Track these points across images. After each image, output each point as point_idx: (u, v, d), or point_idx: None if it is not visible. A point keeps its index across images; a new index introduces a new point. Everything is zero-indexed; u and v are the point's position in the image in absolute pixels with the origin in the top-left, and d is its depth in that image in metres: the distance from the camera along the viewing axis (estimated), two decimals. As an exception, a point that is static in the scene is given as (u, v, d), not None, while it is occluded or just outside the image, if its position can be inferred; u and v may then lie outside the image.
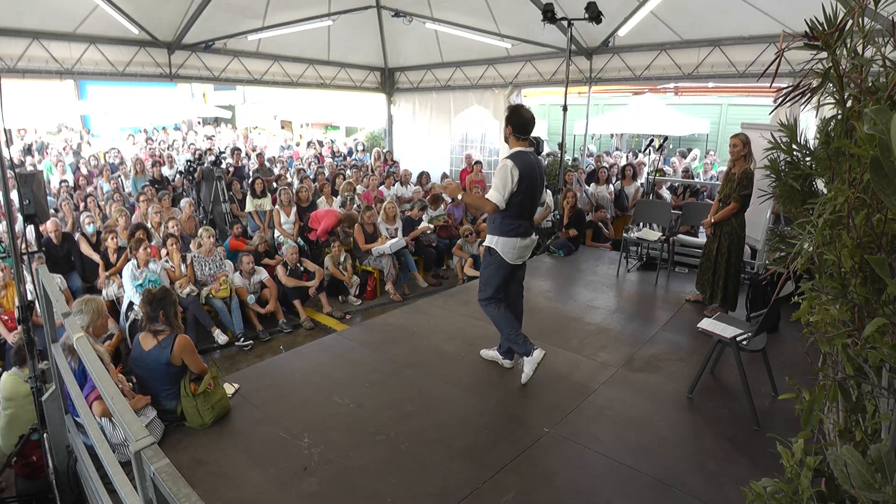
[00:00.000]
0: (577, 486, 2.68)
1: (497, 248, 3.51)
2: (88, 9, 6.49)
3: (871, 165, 0.94)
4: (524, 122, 3.46)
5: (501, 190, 3.35)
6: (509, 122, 3.48)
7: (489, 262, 3.59)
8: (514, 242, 3.49)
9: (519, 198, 3.39)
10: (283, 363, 4.11)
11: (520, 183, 3.35)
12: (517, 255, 3.55)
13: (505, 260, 3.51)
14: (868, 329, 1.10)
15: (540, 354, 3.52)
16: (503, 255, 3.51)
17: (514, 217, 3.45)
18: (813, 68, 1.47)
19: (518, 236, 3.49)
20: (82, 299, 3.21)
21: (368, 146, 13.71)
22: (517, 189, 3.35)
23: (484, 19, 8.20)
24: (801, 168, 2.29)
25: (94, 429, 1.98)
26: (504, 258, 3.51)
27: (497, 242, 3.51)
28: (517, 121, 3.45)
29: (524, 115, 3.48)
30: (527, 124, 3.48)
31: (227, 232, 6.98)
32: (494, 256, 3.54)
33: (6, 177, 2.73)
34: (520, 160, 3.38)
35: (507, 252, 3.50)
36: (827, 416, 1.59)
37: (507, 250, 3.50)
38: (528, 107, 3.59)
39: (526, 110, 3.52)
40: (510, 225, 3.47)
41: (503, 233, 3.48)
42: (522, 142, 3.49)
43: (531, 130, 3.52)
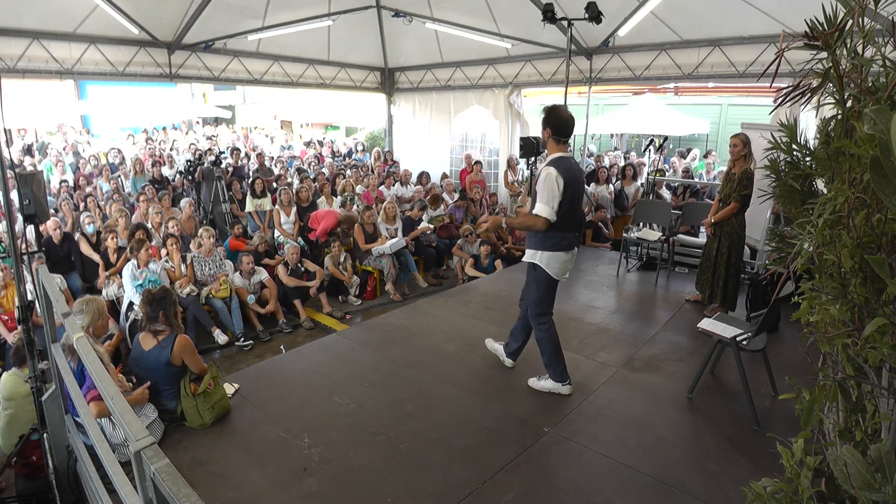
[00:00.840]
0: (577, 486, 2.68)
1: (541, 263, 3.25)
2: (88, 9, 6.49)
3: (871, 165, 0.94)
4: (564, 122, 3.16)
5: (550, 202, 3.05)
6: (547, 123, 3.16)
7: (534, 278, 3.33)
8: (559, 257, 3.22)
9: (564, 208, 3.09)
10: (283, 363, 4.11)
11: (564, 192, 3.06)
12: (562, 270, 3.29)
13: (550, 276, 3.26)
14: (868, 329, 1.10)
15: (568, 391, 3.46)
16: (548, 271, 3.25)
17: (559, 229, 3.14)
18: (813, 68, 1.47)
19: (562, 250, 3.22)
20: (83, 299, 3.21)
21: (368, 146, 13.71)
22: (562, 199, 3.07)
23: (484, 19, 8.19)
24: (801, 168, 2.29)
25: (94, 429, 1.98)
26: (549, 273, 3.25)
27: (541, 258, 3.24)
28: (556, 122, 3.15)
29: (563, 114, 3.17)
30: (567, 125, 3.17)
31: (227, 232, 6.98)
32: (539, 272, 3.28)
33: (6, 177, 2.73)
34: (563, 167, 3.08)
35: (552, 267, 3.24)
36: (827, 416, 1.59)
37: (552, 265, 3.23)
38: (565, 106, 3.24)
39: (564, 109, 3.21)
40: (554, 238, 3.18)
41: (547, 247, 3.20)
42: (563, 145, 3.19)
43: (571, 132, 3.21)
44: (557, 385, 3.49)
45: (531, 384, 3.60)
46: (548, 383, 3.53)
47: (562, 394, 3.48)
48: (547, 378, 3.54)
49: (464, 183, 9.57)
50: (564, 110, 3.19)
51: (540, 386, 3.56)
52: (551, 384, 3.51)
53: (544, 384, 3.55)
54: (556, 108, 3.19)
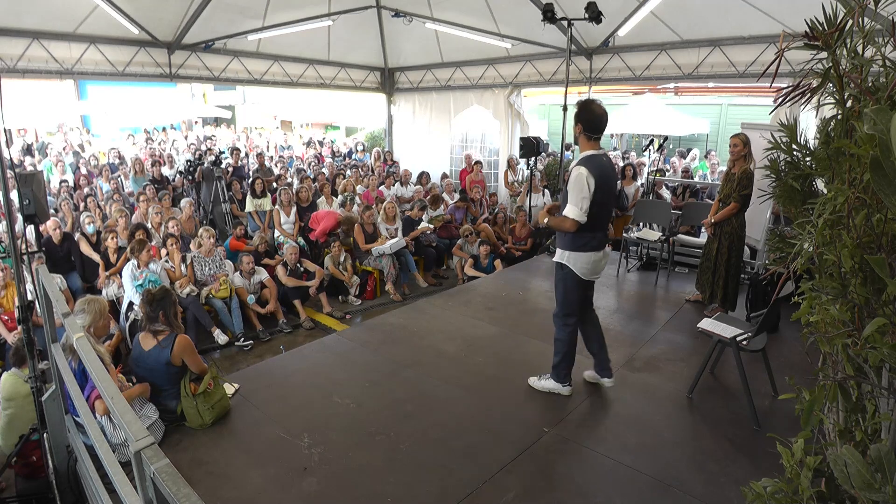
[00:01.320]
0: (577, 486, 2.68)
1: (569, 263, 3.19)
2: (88, 9, 6.49)
3: (871, 165, 0.94)
4: (596, 118, 3.05)
5: (579, 203, 2.99)
6: (579, 119, 3.06)
7: (563, 277, 3.26)
8: (587, 258, 3.16)
9: (594, 208, 3.02)
10: (283, 363, 4.11)
11: (595, 192, 2.99)
12: (591, 271, 3.21)
13: (578, 276, 3.20)
14: (868, 329, 1.10)
15: (567, 391, 3.47)
16: (576, 271, 3.19)
17: (588, 230, 3.07)
18: (813, 68, 1.47)
19: (592, 250, 3.15)
20: (85, 299, 3.21)
21: (368, 146, 13.71)
22: (592, 199, 3.00)
23: (484, 19, 8.19)
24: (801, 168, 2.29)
25: (94, 429, 1.98)
26: (577, 274, 3.20)
27: (568, 258, 3.19)
28: (588, 117, 3.04)
29: (596, 110, 3.05)
30: (599, 121, 3.06)
31: (227, 232, 6.98)
32: (566, 272, 3.22)
33: (6, 177, 2.73)
34: (594, 165, 3.00)
35: (580, 268, 3.18)
36: (827, 416, 1.59)
37: (579, 266, 3.18)
38: (599, 101, 3.11)
39: (598, 105, 3.07)
40: (583, 238, 3.11)
41: (575, 247, 3.15)
42: (594, 142, 3.09)
43: (604, 128, 3.11)
44: (558, 385, 3.48)
45: (531, 383, 3.60)
46: (549, 383, 3.52)
47: (561, 394, 3.48)
48: (548, 378, 3.53)
49: (464, 183, 9.57)
50: (598, 105, 3.07)
51: (540, 385, 3.56)
52: (552, 384, 3.50)
53: (545, 384, 3.54)
54: (589, 103, 3.08)
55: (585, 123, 3.06)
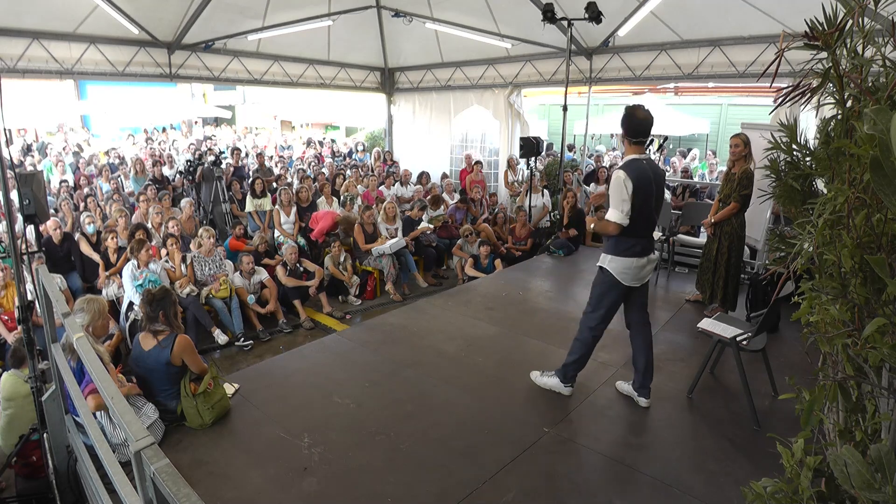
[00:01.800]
0: (577, 486, 2.68)
1: (609, 268, 3.18)
2: (88, 9, 6.49)
3: (871, 165, 0.94)
4: (640, 123, 3.06)
5: (620, 206, 3.01)
6: (624, 124, 3.09)
7: (601, 281, 3.27)
8: (629, 263, 3.14)
9: (633, 213, 3.02)
10: (283, 363, 4.11)
11: (634, 196, 2.98)
12: (633, 277, 3.18)
13: (619, 281, 3.18)
14: (868, 329, 1.10)
15: (568, 392, 3.47)
16: (616, 276, 3.17)
17: (629, 234, 3.07)
18: (813, 68, 1.47)
19: (634, 256, 3.13)
20: (84, 298, 3.21)
21: (368, 146, 13.71)
22: (632, 202, 3.00)
23: (484, 19, 8.19)
24: (801, 168, 2.30)
25: (94, 429, 1.98)
26: (618, 279, 3.17)
27: (610, 262, 3.18)
28: (631, 123, 3.07)
29: (639, 115, 3.06)
30: (643, 126, 3.07)
31: (227, 232, 6.98)
32: (607, 276, 3.21)
33: (6, 177, 2.73)
34: (633, 170, 3.00)
35: (620, 273, 3.16)
36: (827, 416, 1.59)
37: (621, 271, 3.15)
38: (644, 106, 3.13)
39: (642, 110, 3.08)
40: (625, 243, 3.11)
41: (617, 252, 3.15)
42: (637, 147, 3.10)
43: (649, 133, 3.12)
44: (560, 385, 3.48)
45: (533, 378, 3.60)
46: (552, 380, 3.52)
47: (562, 394, 3.48)
48: (552, 375, 3.52)
49: (464, 183, 9.57)
50: (642, 110, 3.09)
51: (542, 382, 3.56)
52: (555, 382, 3.50)
53: (547, 381, 3.54)
54: (633, 109, 3.10)
55: (629, 129, 3.08)
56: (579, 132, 11.75)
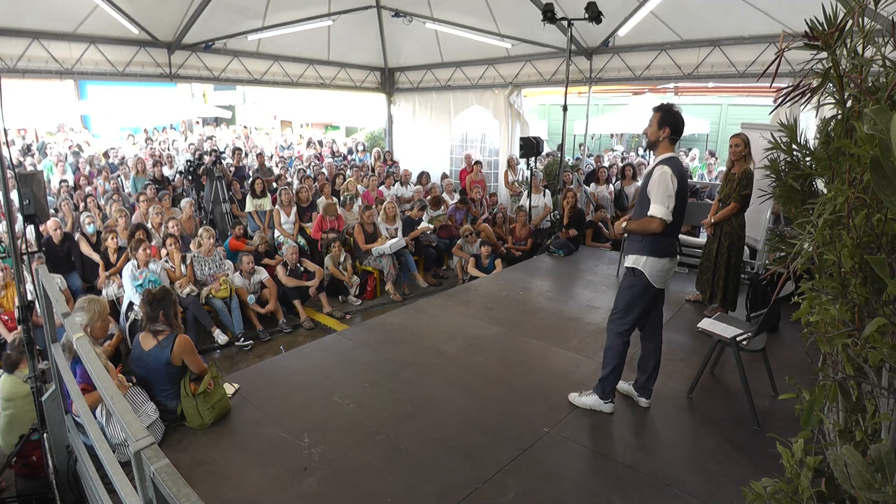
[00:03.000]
0: (577, 486, 2.68)
1: (644, 269, 3.04)
2: (88, 9, 6.49)
3: (871, 165, 0.94)
4: (681, 122, 3.02)
5: (666, 202, 2.90)
6: (665, 122, 2.98)
7: (633, 284, 3.11)
8: (662, 264, 3.03)
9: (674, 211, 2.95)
10: (283, 363, 4.11)
11: (676, 194, 2.92)
12: (664, 278, 3.10)
13: (651, 284, 3.06)
14: (868, 329, 1.10)
15: (609, 409, 3.28)
16: (650, 279, 3.04)
17: (667, 234, 2.98)
18: (813, 68, 1.47)
19: (668, 256, 3.04)
20: (86, 298, 3.20)
21: (368, 146, 13.72)
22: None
23: (484, 19, 8.19)
24: (801, 168, 2.30)
25: (94, 429, 1.98)
26: (651, 282, 3.05)
27: (645, 263, 3.03)
28: (674, 121, 2.98)
29: (679, 114, 3.02)
30: (682, 125, 3.04)
31: (227, 232, 6.98)
32: (640, 279, 3.07)
33: (6, 177, 2.73)
34: (675, 167, 2.94)
35: (654, 275, 3.04)
36: (827, 416, 1.59)
37: (654, 272, 3.03)
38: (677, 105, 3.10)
39: (678, 109, 3.05)
40: (662, 243, 2.99)
41: (653, 252, 3.00)
42: (671, 146, 3.04)
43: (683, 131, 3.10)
44: (600, 402, 3.29)
45: (572, 400, 3.40)
46: (591, 399, 3.32)
47: (603, 412, 3.28)
48: (591, 394, 3.33)
49: (464, 183, 9.57)
50: (678, 109, 3.05)
51: (582, 402, 3.36)
52: (594, 401, 3.30)
53: (587, 400, 3.34)
54: (672, 107, 3.03)
55: (672, 127, 2.99)
56: (579, 132, 11.77)
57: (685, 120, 3.09)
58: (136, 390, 3.11)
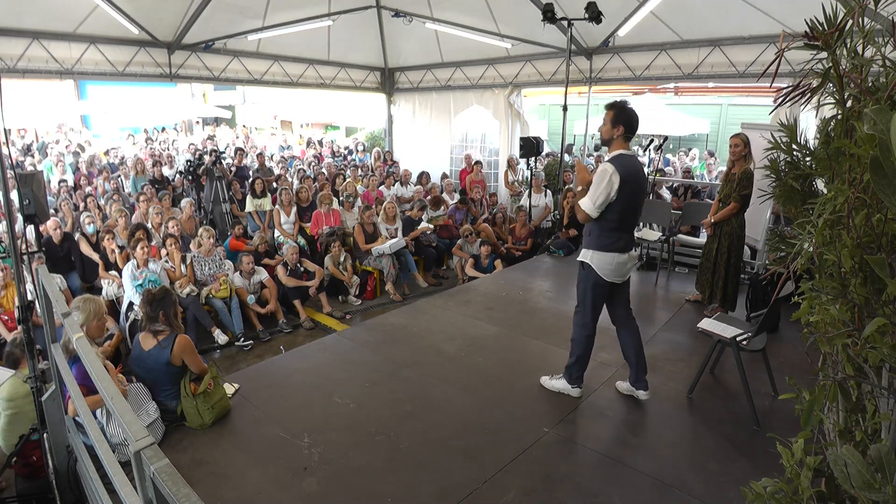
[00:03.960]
0: (577, 486, 2.68)
1: (592, 263, 3.16)
2: (88, 9, 6.49)
3: (871, 165, 0.94)
4: (634, 120, 3.08)
5: (594, 197, 2.99)
6: (619, 120, 3.04)
7: (583, 276, 3.26)
8: (610, 258, 3.12)
9: (619, 207, 3.01)
10: (283, 363, 4.11)
11: (620, 191, 2.95)
12: (614, 273, 3.17)
13: (600, 277, 3.17)
14: (868, 329, 1.10)
15: (576, 393, 3.44)
16: (598, 272, 3.16)
17: (613, 230, 3.08)
18: (813, 68, 1.47)
19: (616, 251, 3.11)
20: (81, 297, 3.19)
21: (368, 146, 13.72)
22: (617, 197, 2.97)
23: (484, 19, 8.19)
24: (801, 168, 2.29)
25: (94, 429, 1.98)
26: (599, 275, 3.17)
27: (592, 257, 3.16)
28: (628, 119, 3.04)
29: (633, 112, 3.09)
30: (636, 123, 3.09)
31: (227, 232, 6.98)
32: (588, 271, 3.20)
33: (6, 177, 2.73)
34: (622, 164, 2.98)
35: (602, 268, 3.15)
36: (827, 416, 1.59)
37: (602, 266, 3.14)
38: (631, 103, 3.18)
39: (632, 108, 3.12)
40: (608, 238, 3.10)
41: (599, 247, 3.13)
42: (625, 143, 3.08)
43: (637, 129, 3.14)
44: (568, 387, 3.47)
45: (543, 382, 3.60)
46: (559, 383, 3.51)
47: (571, 395, 3.46)
48: (560, 378, 3.52)
49: (464, 183, 9.57)
50: (632, 108, 3.11)
51: (551, 385, 3.55)
52: (563, 384, 3.49)
53: (555, 384, 3.53)
54: (625, 105, 3.09)
55: (627, 125, 3.04)
56: (579, 132, 11.76)
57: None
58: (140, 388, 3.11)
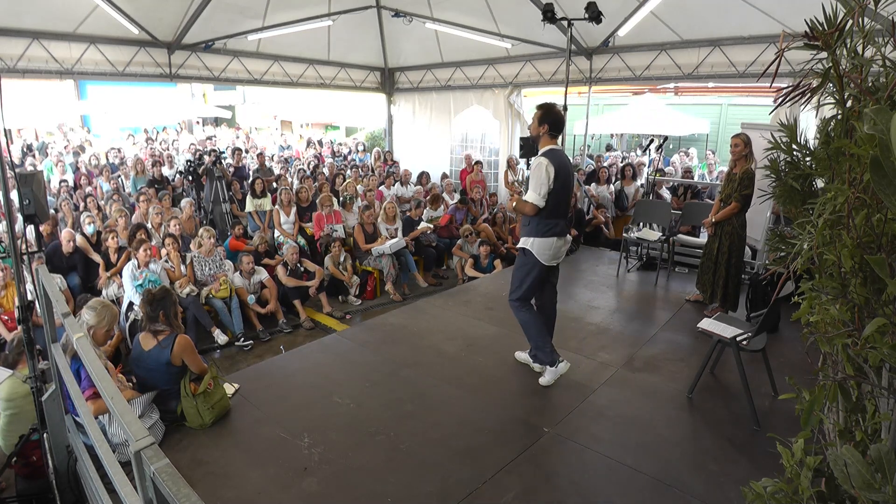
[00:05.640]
0: (577, 486, 2.68)
1: (532, 249, 3.47)
2: (88, 9, 6.48)
3: (871, 165, 0.94)
4: (559, 120, 3.50)
5: (538, 189, 3.33)
6: (545, 120, 3.44)
7: (523, 262, 3.56)
8: (549, 242, 3.45)
9: (554, 196, 3.36)
10: (283, 363, 4.11)
11: (555, 180, 3.32)
12: (552, 256, 3.50)
13: (539, 261, 3.47)
14: (868, 329, 1.10)
15: (565, 367, 3.59)
16: (538, 257, 3.46)
17: (550, 216, 3.42)
18: (813, 68, 1.47)
19: (554, 236, 3.45)
20: (100, 300, 3.16)
21: (368, 146, 13.71)
22: (553, 187, 3.33)
23: (484, 19, 8.19)
24: (801, 168, 2.29)
25: (94, 429, 1.98)
26: (539, 259, 3.47)
27: (533, 244, 3.47)
28: (553, 119, 3.44)
29: (558, 113, 3.50)
30: (562, 122, 3.56)
31: (227, 232, 6.98)
32: (529, 257, 3.50)
33: (6, 177, 2.73)
34: (554, 158, 3.36)
35: (542, 253, 3.46)
36: (827, 416, 1.59)
37: (542, 251, 3.46)
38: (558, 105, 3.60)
39: (558, 108, 3.54)
40: (546, 225, 3.43)
41: (539, 233, 3.45)
42: (553, 140, 3.48)
43: (563, 128, 3.60)
44: (554, 370, 3.59)
45: (541, 381, 3.65)
46: (548, 374, 3.61)
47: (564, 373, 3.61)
48: (543, 368, 3.65)
49: (464, 183, 9.57)
50: (559, 109, 3.53)
51: (546, 381, 3.62)
52: (550, 374, 3.60)
53: (547, 377, 3.62)
54: (552, 107, 3.48)
55: (551, 124, 3.43)
56: (579, 132, 11.75)
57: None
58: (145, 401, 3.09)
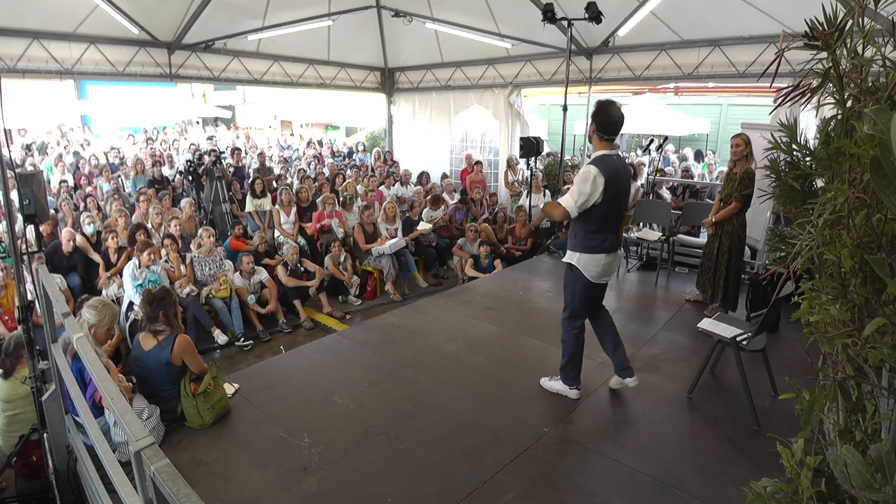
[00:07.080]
0: (577, 486, 2.68)
1: (579, 265, 3.16)
2: (88, 9, 6.49)
3: (871, 165, 0.94)
4: (612, 121, 3.05)
5: (576, 197, 2.99)
6: (595, 119, 3.05)
7: (570, 279, 3.25)
8: (597, 259, 3.12)
9: (604, 208, 3.01)
10: (283, 363, 4.11)
11: (605, 192, 2.96)
12: (601, 273, 3.18)
13: (588, 279, 3.17)
14: (868, 329, 1.10)
15: (575, 395, 3.44)
16: (585, 274, 3.16)
17: (598, 230, 3.08)
18: (813, 68, 1.47)
19: (603, 252, 3.12)
20: (101, 300, 3.17)
21: (368, 146, 13.71)
22: (602, 199, 2.98)
23: (484, 19, 8.19)
24: (801, 168, 2.29)
25: (94, 429, 1.98)
26: (586, 276, 3.16)
27: (579, 259, 3.15)
28: (604, 119, 3.04)
29: (613, 113, 3.05)
30: (615, 124, 3.06)
31: (227, 232, 6.98)
32: (576, 274, 3.19)
33: (6, 177, 2.73)
34: (605, 166, 2.98)
35: (589, 270, 3.15)
36: (827, 416, 1.59)
37: (590, 268, 3.14)
38: (618, 104, 3.11)
39: (615, 108, 3.06)
40: (594, 240, 3.10)
41: (585, 248, 3.12)
42: (607, 143, 3.08)
43: (619, 131, 3.12)
44: (566, 388, 3.46)
45: (542, 383, 3.60)
46: (557, 385, 3.50)
47: (569, 397, 3.45)
48: (558, 379, 3.51)
49: (464, 183, 9.57)
50: (615, 107, 3.07)
51: (549, 386, 3.55)
52: (560, 386, 3.48)
53: (554, 385, 3.53)
54: (606, 105, 3.08)
55: (601, 125, 3.05)
56: (579, 132, 11.76)
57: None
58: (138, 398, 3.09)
